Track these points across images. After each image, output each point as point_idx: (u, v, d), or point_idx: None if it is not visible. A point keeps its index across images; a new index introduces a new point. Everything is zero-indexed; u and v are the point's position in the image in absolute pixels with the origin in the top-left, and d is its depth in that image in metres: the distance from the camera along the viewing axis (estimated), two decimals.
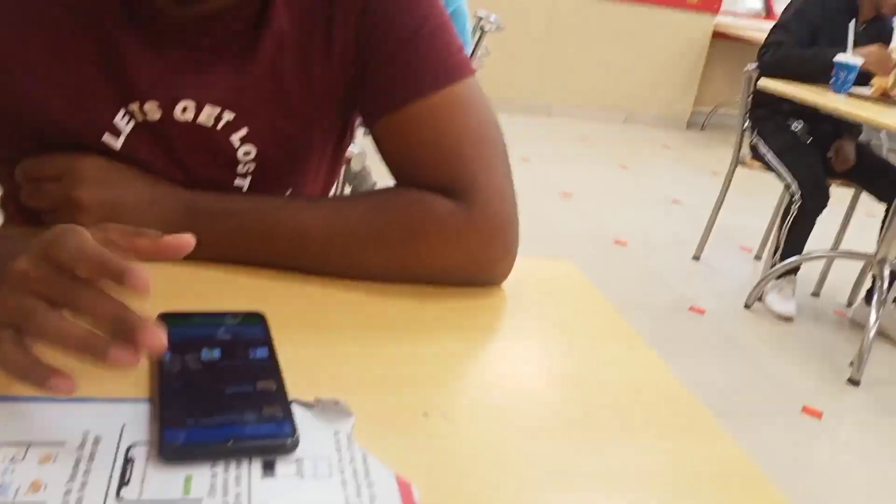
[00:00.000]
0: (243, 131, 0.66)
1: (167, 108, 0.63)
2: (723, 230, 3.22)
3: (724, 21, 5.40)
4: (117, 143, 0.63)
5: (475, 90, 0.66)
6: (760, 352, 2.41)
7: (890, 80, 2.47)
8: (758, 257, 3.14)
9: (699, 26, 5.33)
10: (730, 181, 2.92)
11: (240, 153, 0.67)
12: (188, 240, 0.44)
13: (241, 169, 0.68)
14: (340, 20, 0.64)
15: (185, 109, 0.63)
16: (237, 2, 0.60)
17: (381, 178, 0.70)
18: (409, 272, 0.63)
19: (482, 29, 2.47)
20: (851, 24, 2.49)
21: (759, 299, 2.70)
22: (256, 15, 0.63)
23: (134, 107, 0.62)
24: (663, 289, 2.77)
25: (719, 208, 2.98)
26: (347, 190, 2.47)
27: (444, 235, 0.62)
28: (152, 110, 0.62)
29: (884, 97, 2.50)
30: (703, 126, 5.69)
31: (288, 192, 0.73)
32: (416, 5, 0.65)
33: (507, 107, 5.19)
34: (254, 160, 0.68)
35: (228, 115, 0.64)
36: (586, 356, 0.60)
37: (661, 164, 4.66)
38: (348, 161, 1.98)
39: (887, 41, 2.78)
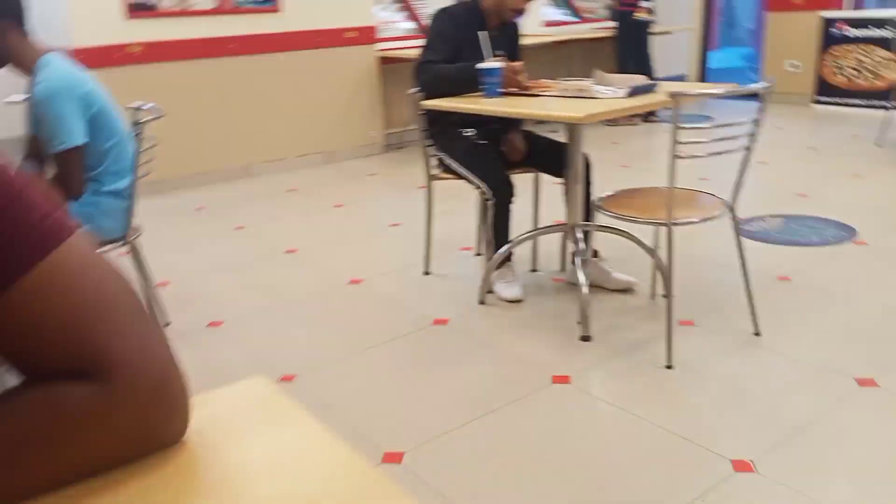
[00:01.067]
0: None
1: None
2: (441, 239, 3.41)
3: (385, 46, 5.72)
4: None
5: (77, 252, 0.58)
6: (504, 340, 2.58)
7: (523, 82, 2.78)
8: (479, 254, 3.36)
9: (364, 57, 5.59)
10: (431, 195, 3.09)
11: None
12: None
13: None
14: None
15: None
16: None
17: None
18: (69, 477, 0.55)
19: (138, 121, 2.34)
20: (482, 35, 2.76)
21: (490, 292, 2.89)
22: None
23: None
24: (405, 312, 2.85)
25: (430, 221, 3.14)
26: None
27: (86, 426, 0.55)
28: None
29: (527, 90, 2.80)
30: (399, 146, 5.98)
31: None
32: None
33: (206, 180, 5.02)
34: None
35: None
36: (292, 490, 0.56)
37: (372, 193, 4.81)
38: None
39: (516, 34, 3.11)
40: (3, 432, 0.54)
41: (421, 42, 2.93)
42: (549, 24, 7.05)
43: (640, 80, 2.76)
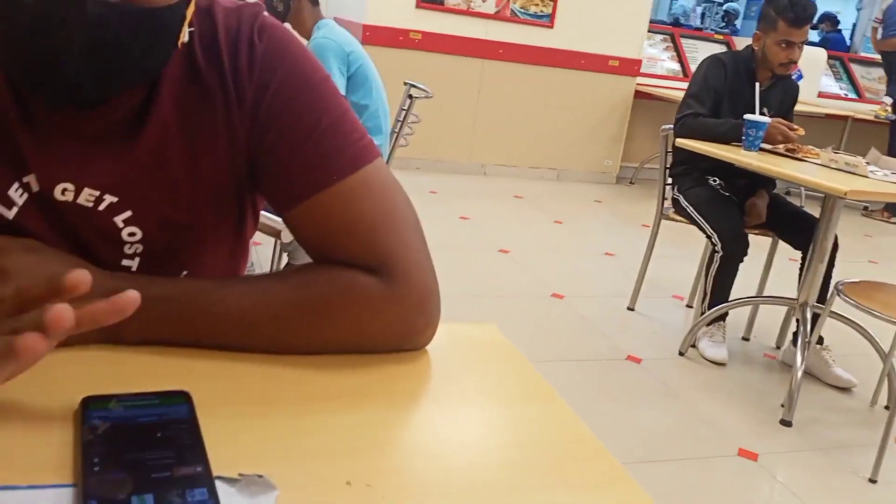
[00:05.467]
0: (126, 214, 0.68)
1: (47, 190, 0.65)
2: (655, 280, 3.33)
3: (644, 81, 5.68)
4: (10, 214, 0.65)
5: (381, 172, 0.70)
6: (696, 397, 2.48)
7: (792, 143, 2.65)
8: (689, 305, 3.25)
9: (622, 87, 5.59)
10: (656, 233, 3.03)
11: (124, 234, 0.69)
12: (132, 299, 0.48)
13: (127, 249, 0.70)
14: (225, 116, 0.68)
15: (64, 191, 0.65)
16: (118, 94, 0.63)
17: None
18: (333, 345, 0.66)
19: (410, 97, 2.55)
20: (756, 88, 2.67)
21: (693, 346, 2.78)
22: (141, 105, 0.66)
23: (29, 178, 0.65)
24: (601, 339, 2.83)
25: (649, 259, 3.09)
26: (285, 259, 2.49)
27: (367, 309, 0.65)
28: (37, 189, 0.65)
29: (791, 152, 2.67)
30: (631, 181, 5.91)
31: (184, 274, 0.74)
32: (312, 103, 0.68)
33: (444, 168, 5.31)
34: (140, 242, 0.70)
35: (110, 198, 0.67)
36: (506, 416, 0.63)
37: (594, 219, 4.81)
38: (279, 234, 2.02)
39: (794, 95, 2.96)
40: (301, 295, 0.65)
41: (684, 85, 2.89)
42: (823, 95, 6.58)
43: None
